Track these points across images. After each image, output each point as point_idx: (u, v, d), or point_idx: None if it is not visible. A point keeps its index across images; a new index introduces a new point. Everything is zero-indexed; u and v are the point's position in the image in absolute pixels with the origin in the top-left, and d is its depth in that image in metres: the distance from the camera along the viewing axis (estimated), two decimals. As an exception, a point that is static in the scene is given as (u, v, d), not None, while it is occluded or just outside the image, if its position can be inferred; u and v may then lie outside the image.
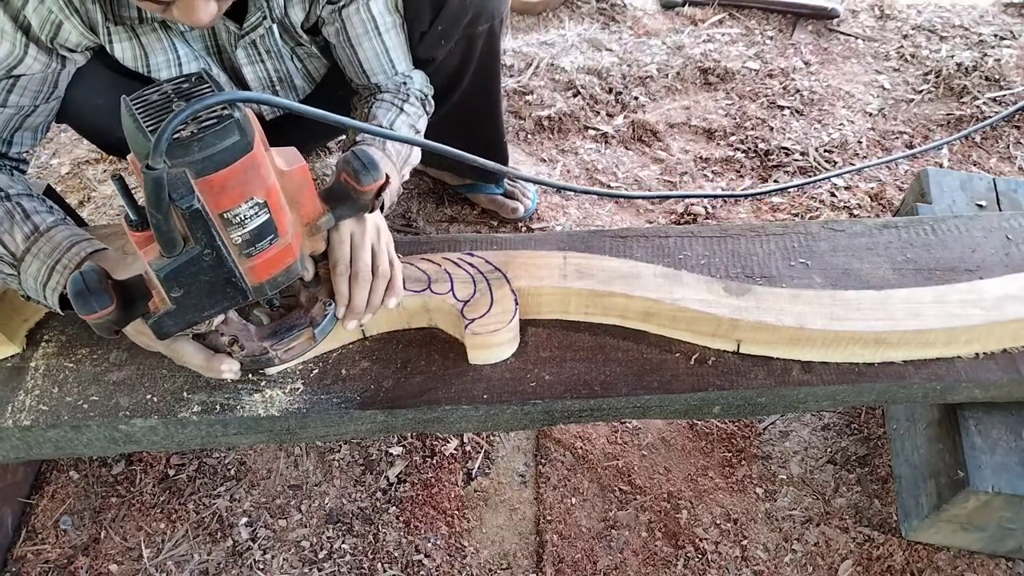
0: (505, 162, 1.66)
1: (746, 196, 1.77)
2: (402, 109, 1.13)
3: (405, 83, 1.18)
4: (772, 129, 1.93)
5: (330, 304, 0.89)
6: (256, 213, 0.70)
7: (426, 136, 1.13)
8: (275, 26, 1.08)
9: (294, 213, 0.78)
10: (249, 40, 1.08)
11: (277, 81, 1.19)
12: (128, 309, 0.75)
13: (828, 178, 1.79)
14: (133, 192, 0.68)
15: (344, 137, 1.19)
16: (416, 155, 1.13)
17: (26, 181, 0.99)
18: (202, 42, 1.07)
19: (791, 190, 1.79)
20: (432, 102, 1.23)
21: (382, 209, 0.94)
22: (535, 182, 1.10)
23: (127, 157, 0.69)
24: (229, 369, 0.84)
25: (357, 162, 0.81)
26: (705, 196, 1.77)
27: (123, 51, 1.01)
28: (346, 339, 1.01)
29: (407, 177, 1.11)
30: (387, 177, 0.83)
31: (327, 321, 0.88)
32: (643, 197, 1.76)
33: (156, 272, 0.68)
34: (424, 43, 1.22)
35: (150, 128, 0.63)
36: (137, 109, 0.64)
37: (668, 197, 1.76)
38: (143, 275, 0.77)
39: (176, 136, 0.61)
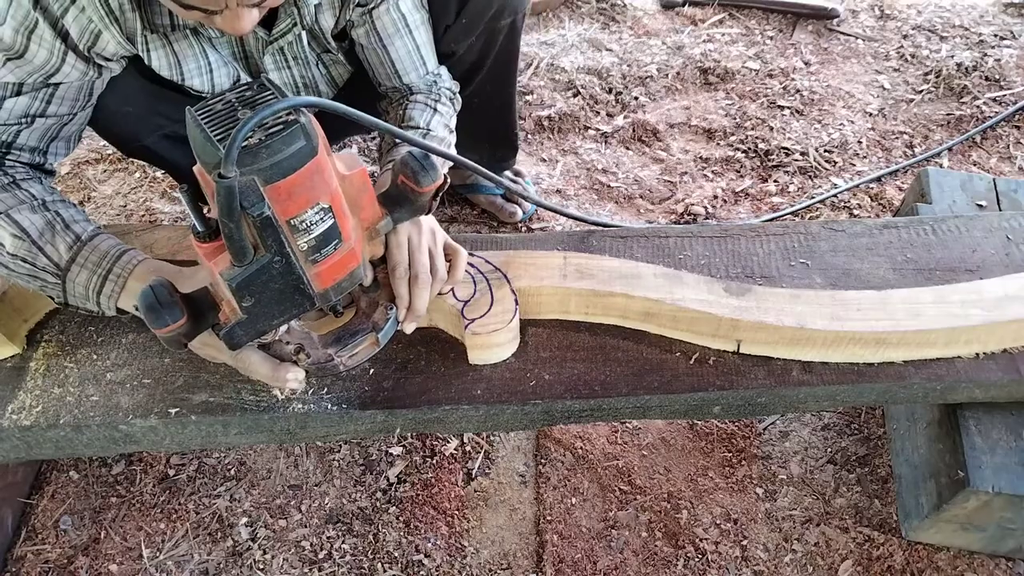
0: (513, 155, 1.66)
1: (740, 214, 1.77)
2: (435, 109, 1.14)
3: (435, 82, 1.18)
4: (772, 129, 1.93)
5: (392, 308, 0.89)
6: (321, 219, 0.70)
7: None
8: (304, 33, 1.08)
9: (355, 217, 0.78)
10: (277, 47, 1.08)
11: (303, 87, 1.19)
12: (196, 322, 0.75)
13: (832, 194, 1.79)
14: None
15: (379, 143, 1.19)
16: (444, 169, 1.13)
17: (56, 190, 0.99)
18: (229, 48, 1.07)
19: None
20: (459, 98, 1.23)
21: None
22: (534, 202, 1.11)
23: (194, 168, 0.69)
24: (295, 378, 0.85)
25: (415, 163, 0.81)
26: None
27: (159, 59, 1.01)
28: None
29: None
30: (445, 177, 0.83)
31: (390, 325, 0.88)
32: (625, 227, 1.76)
33: (228, 282, 0.68)
34: (447, 36, 1.22)
35: (218, 137, 0.63)
36: (203, 119, 0.64)
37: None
38: (208, 287, 0.77)
39: (244, 144, 0.61)
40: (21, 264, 0.90)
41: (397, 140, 1.06)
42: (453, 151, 1.12)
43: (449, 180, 0.87)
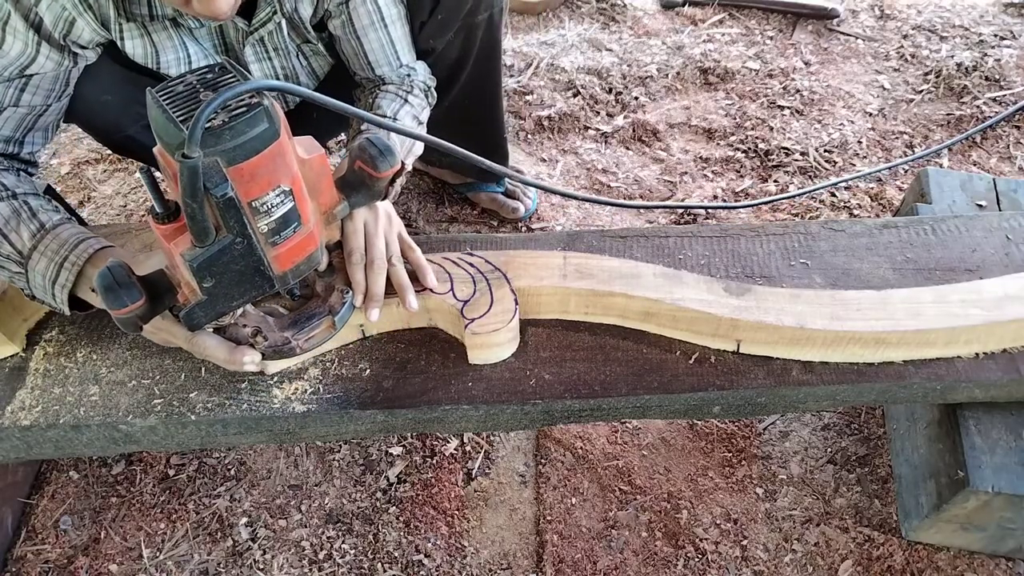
0: (506, 158, 1.66)
1: (734, 207, 1.77)
2: (406, 100, 1.14)
3: (409, 75, 1.19)
4: (772, 129, 1.93)
5: (347, 292, 0.90)
6: (282, 201, 0.70)
7: (427, 132, 1.14)
8: (284, 22, 1.08)
9: (313, 201, 0.79)
10: (257, 37, 1.08)
11: (283, 78, 1.19)
12: (154, 304, 0.76)
13: (830, 185, 1.79)
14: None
15: (344, 139, 1.20)
16: (419, 146, 1.13)
17: (33, 182, 0.99)
18: (210, 40, 1.07)
19: (791, 190, 1.79)
20: (435, 93, 1.23)
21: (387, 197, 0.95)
22: (535, 185, 1.11)
23: (154, 150, 0.69)
24: (251, 360, 0.84)
25: (373, 148, 0.81)
26: (697, 207, 1.77)
27: (134, 48, 1.01)
28: (346, 339, 1.01)
29: (410, 168, 1.12)
30: (402, 163, 0.84)
31: (345, 309, 0.89)
32: (639, 207, 1.76)
33: (189, 262, 0.68)
34: (424, 33, 1.23)
35: (181, 118, 0.63)
36: (164, 100, 0.65)
37: (661, 207, 1.76)
38: (164, 269, 0.77)
39: (207, 125, 0.62)
40: None
41: (362, 128, 1.06)
42: (420, 143, 1.12)
43: (407, 166, 0.87)
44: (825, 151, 1.87)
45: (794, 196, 1.74)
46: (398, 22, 1.15)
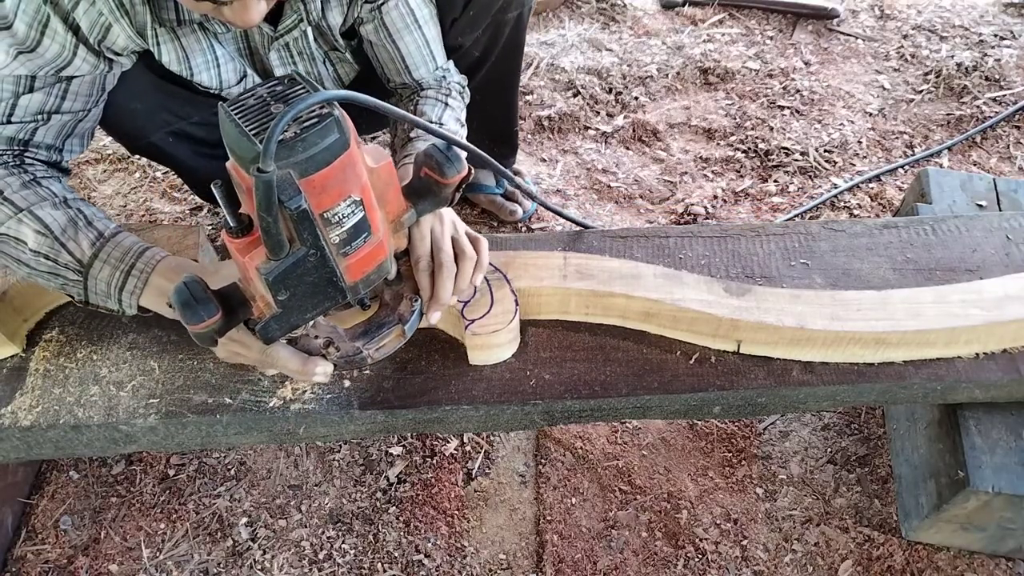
0: (514, 153, 1.66)
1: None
2: (447, 104, 1.14)
3: (444, 77, 1.19)
4: (772, 129, 1.93)
5: (416, 300, 0.90)
6: (353, 211, 0.70)
7: None
8: (310, 29, 1.08)
9: (382, 210, 0.78)
10: (283, 42, 1.08)
11: None
12: (228, 318, 0.76)
13: (832, 194, 1.79)
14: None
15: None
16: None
17: (74, 190, 0.99)
18: (235, 44, 1.07)
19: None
20: (468, 92, 1.23)
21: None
22: (535, 199, 1.11)
23: (227, 164, 0.69)
24: (323, 372, 0.85)
25: (440, 155, 0.81)
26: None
27: (168, 53, 1.01)
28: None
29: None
30: (469, 168, 0.84)
31: (415, 317, 0.89)
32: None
33: (264, 276, 0.68)
34: (454, 30, 1.23)
35: (253, 132, 0.63)
36: (237, 115, 0.64)
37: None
38: (237, 283, 0.77)
39: (280, 138, 0.62)
40: (43, 261, 0.89)
41: (412, 135, 1.06)
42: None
43: (473, 172, 0.87)
44: (825, 151, 1.87)
45: (803, 211, 1.74)
46: (431, 22, 1.14)
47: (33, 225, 0.88)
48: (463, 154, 0.84)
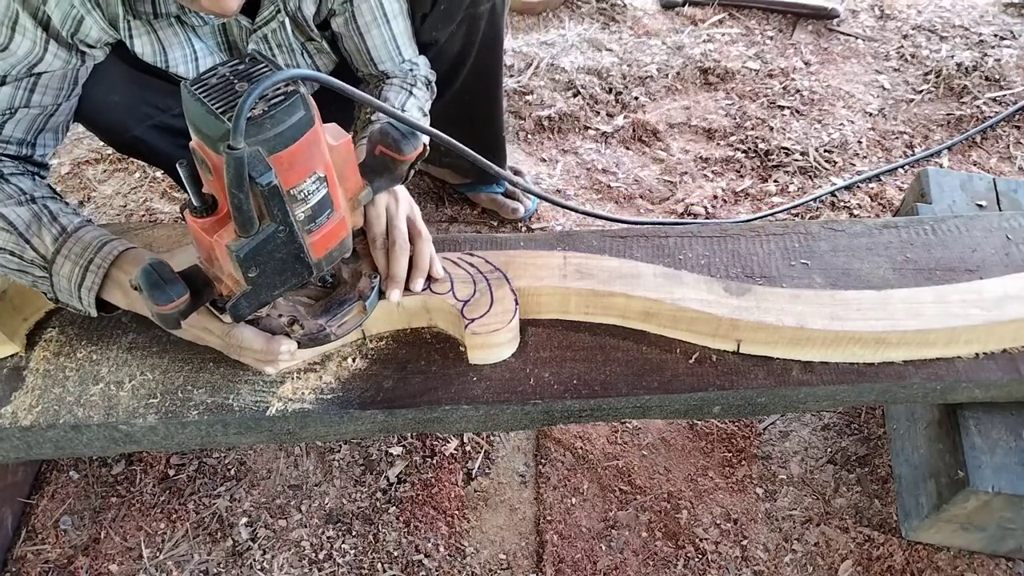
0: (504, 159, 1.66)
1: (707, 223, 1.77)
2: (411, 92, 1.15)
3: (411, 70, 1.19)
4: (772, 129, 1.93)
5: (376, 277, 0.92)
6: (317, 188, 0.71)
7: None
8: (288, 20, 1.09)
9: (341, 187, 0.79)
10: (261, 35, 1.08)
11: None
12: (194, 299, 0.76)
13: (828, 191, 1.79)
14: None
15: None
16: (424, 137, 1.15)
17: (49, 186, 0.99)
18: (214, 38, 1.08)
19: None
20: (435, 87, 1.24)
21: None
22: (536, 194, 1.12)
23: (191, 144, 0.69)
24: (288, 350, 0.86)
25: (396, 132, 0.82)
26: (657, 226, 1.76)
27: (142, 46, 1.01)
28: (346, 339, 1.01)
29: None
30: (424, 146, 0.84)
31: (375, 294, 0.91)
32: (635, 223, 1.76)
33: (236, 252, 0.69)
34: (426, 25, 1.23)
35: (220, 110, 0.63)
36: (201, 93, 0.65)
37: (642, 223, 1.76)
38: (199, 264, 0.78)
39: (248, 116, 0.62)
40: (10, 258, 0.89)
41: (372, 118, 1.07)
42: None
43: (428, 149, 0.87)
44: (825, 151, 1.87)
45: (801, 203, 1.74)
46: (400, 16, 1.15)
47: None
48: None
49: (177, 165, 0.66)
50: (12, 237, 0.88)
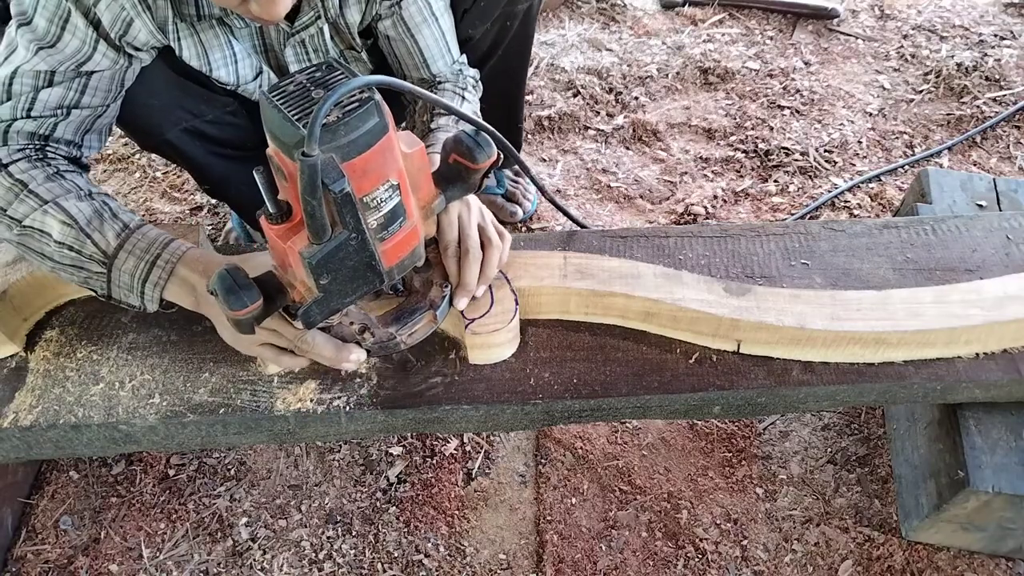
0: (518, 148, 1.66)
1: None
2: (464, 98, 1.15)
3: (461, 71, 1.19)
4: (772, 129, 1.93)
5: (447, 286, 0.91)
6: (390, 196, 0.71)
7: None
8: (327, 26, 1.09)
9: (415, 196, 0.79)
10: (299, 39, 1.08)
11: None
12: (267, 305, 0.76)
13: (833, 195, 1.79)
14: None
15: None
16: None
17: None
18: (250, 40, 1.08)
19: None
20: (481, 85, 1.24)
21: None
22: (555, 204, 1.12)
23: (266, 151, 0.69)
24: (357, 359, 0.86)
25: (470, 140, 0.82)
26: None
27: (188, 48, 1.01)
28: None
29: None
30: (498, 154, 0.84)
31: (446, 303, 0.91)
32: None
33: (308, 259, 0.69)
34: (465, 21, 1.23)
35: (296, 117, 0.64)
36: (279, 101, 0.65)
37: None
38: (272, 270, 0.78)
39: (323, 122, 0.62)
40: (67, 253, 0.89)
41: (433, 125, 1.07)
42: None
43: (502, 157, 0.88)
44: (825, 151, 1.87)
45: (814, 207, 1.74)
46: (446, 13, 1.15)
47: (59, 216, 0.88)
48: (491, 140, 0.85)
49: (254, 172, 0.66)
50: (73, 231, 0.88)
